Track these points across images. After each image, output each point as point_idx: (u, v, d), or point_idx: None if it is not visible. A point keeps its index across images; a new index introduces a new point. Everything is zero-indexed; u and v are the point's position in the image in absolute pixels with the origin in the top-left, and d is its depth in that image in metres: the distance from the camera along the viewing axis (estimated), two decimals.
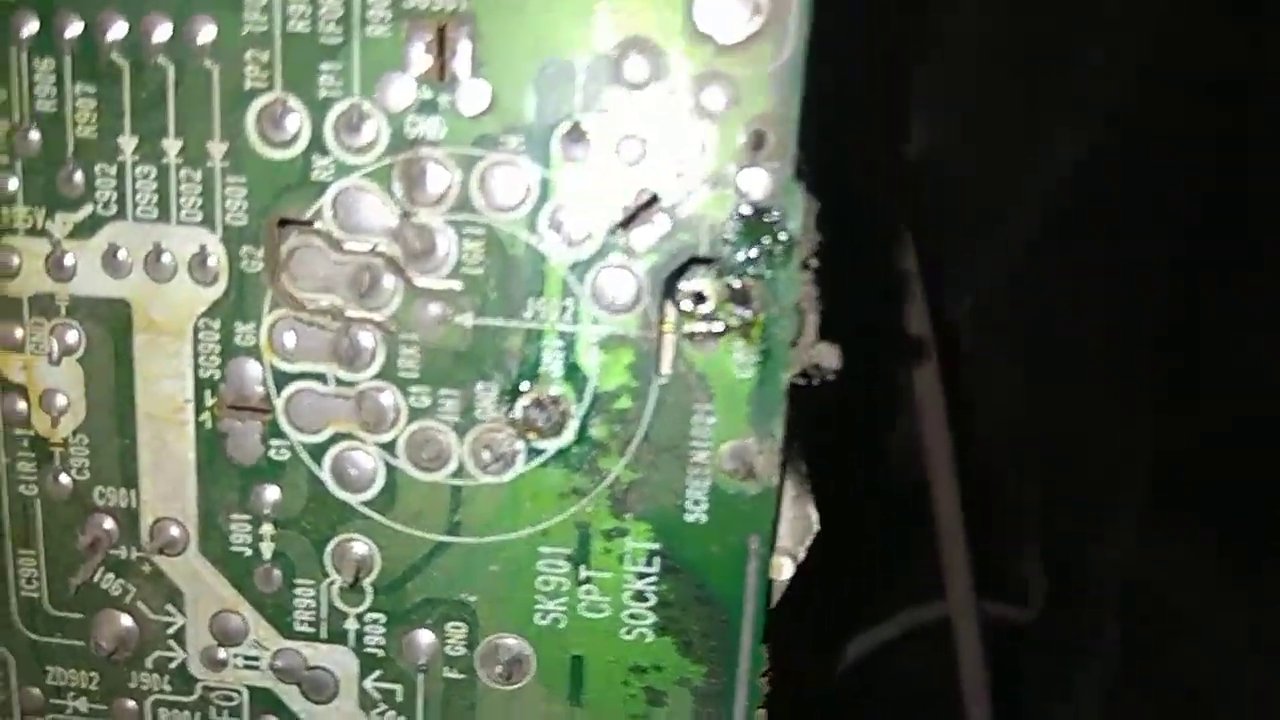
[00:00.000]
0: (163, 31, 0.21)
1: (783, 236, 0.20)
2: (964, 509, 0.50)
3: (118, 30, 0.21)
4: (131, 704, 0.24)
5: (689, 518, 0.22)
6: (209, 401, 0.22)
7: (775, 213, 0.20)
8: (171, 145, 0.21)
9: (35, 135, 0.21)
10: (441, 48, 0.20)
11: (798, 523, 0.22)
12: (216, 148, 0.21)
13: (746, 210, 0.20)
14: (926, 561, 0.49)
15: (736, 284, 0.21)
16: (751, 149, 0.20)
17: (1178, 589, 0.53)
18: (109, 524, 0.23)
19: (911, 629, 0.50)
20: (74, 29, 0.21)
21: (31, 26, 0.21)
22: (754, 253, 0.20)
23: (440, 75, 0.20)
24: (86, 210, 0.22)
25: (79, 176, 0.21)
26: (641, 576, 0.22)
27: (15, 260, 0.22)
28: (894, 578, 0.47)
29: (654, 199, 0.21)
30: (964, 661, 0.51)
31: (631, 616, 0.22)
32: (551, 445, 0.22)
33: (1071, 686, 0.56)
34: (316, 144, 0.21)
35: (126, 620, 0.23)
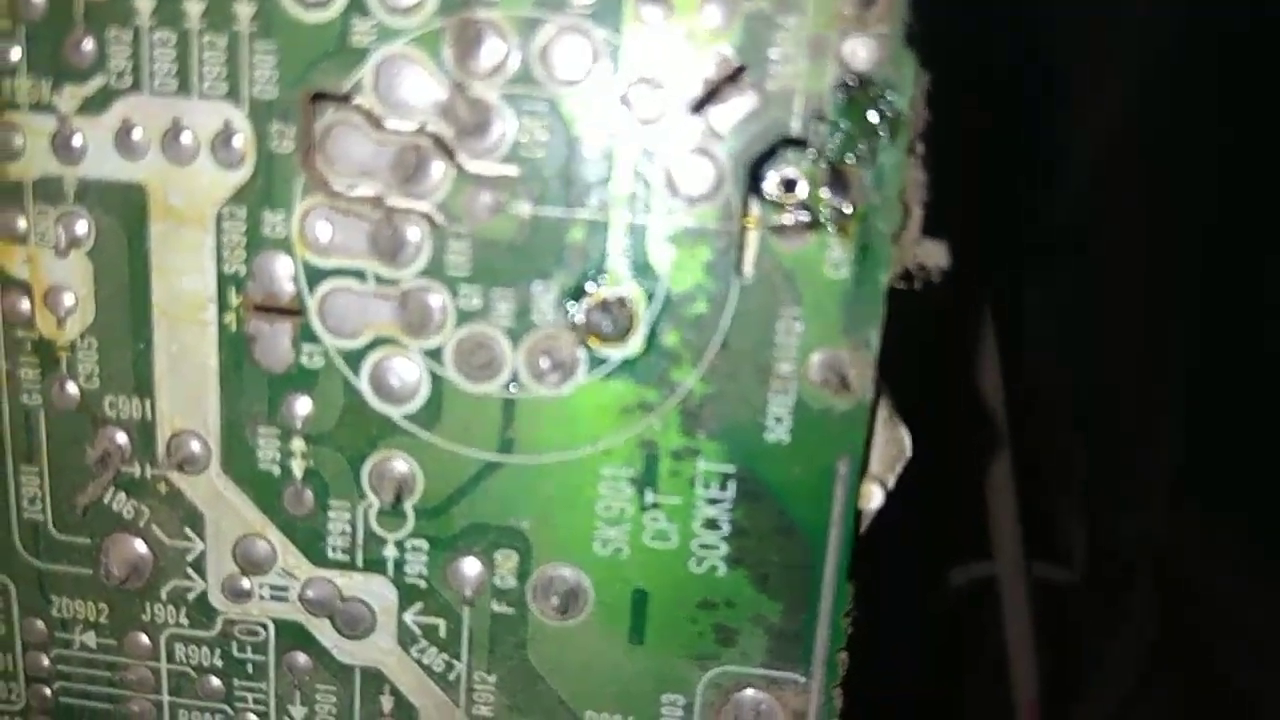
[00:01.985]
0: None
1: (889, 114, 0.18)
2: (1014, 469, 0.48)
3: None
4: (144, 638, 0.22)
5: (770, 437, 0.19)
6: (234, 300, 0.20)
7: (881, 86, 0.18)
8: (193, 6, 0.19)
9: None
10: None
11: (889, 446, 0.20)
12: (243, 9, 0.18)
13: (849, 82, 0.18)
14: (975, 520, 0.47)
15: (833, 169, 0.18)
16: (857, 9, 0.17)
17: (1208, 568, 0.51)
18: (121, 438, 0.21)
19: (959, 587, 0.48)
20: None
21: None
22: (855, 132, 0.18)
23: None
24: (98, 82, 0.19)
25: (89, 44, 0.19)
26: (714, 502, 0.20)
27: (18, 140, 0.19)
28: (947, 533, 0.45)
29: (740, 70, 0.18)
30: (1010, 620, 0.49)
31: (702, 546, 0.20)
32: (617, 353, 0.19)
33: (1108, 654, 0.54)
34: (356, 4, 0.18)
35: (140, 545, 0.21)
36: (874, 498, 0.20)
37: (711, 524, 0.20)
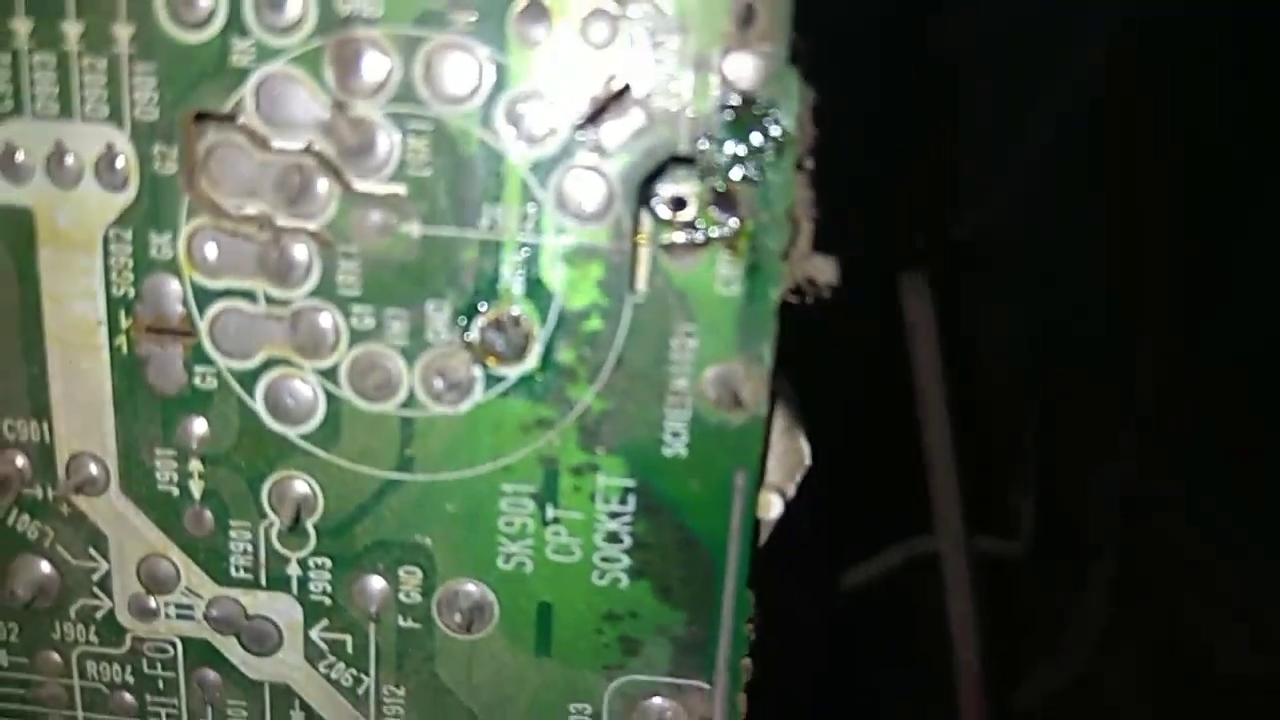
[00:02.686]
0: None
1: (774, 132, 0.18)
2: (956, 439, 0.48)
3: None
4: (56, 656, 0.22)
5: (668, 451, 0.19)
6: (124, 323, 0.20)
7: (766, 104, 0.18)
8: (72, 28, 0.18)
9: None
10: None
11: (788, 456, 0.20)
12: (122, 30, 0.18)
13: (733, 101, 0.18)
14: (916, 495, 0.48)
15: (721, 187, 0.18)
16: (739, 28, 0.17)
17: (1178, 524, 0.51)
18: (20, 460, 0.20)
19: (899, 564, 0.49)
20: None
21: None
22: (741, 151, 0.18)
23: None
24: None
25: None
26: (615, 516, 0.20)
27: None
28: (882, 513, 0.46)
29: (626, 89, 0.18)
30: (952, 598, 0.49)
31: (604, 559, 0.20)
32: (513, 371, 0.19)
33: (1063, 622, 0.55)
34: (235, 24, 0.18)
35: (45, 566, 0.21)
36: (773, 507, 0.20)
37: (613, 537, 0.20)
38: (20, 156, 0.19)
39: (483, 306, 0.19)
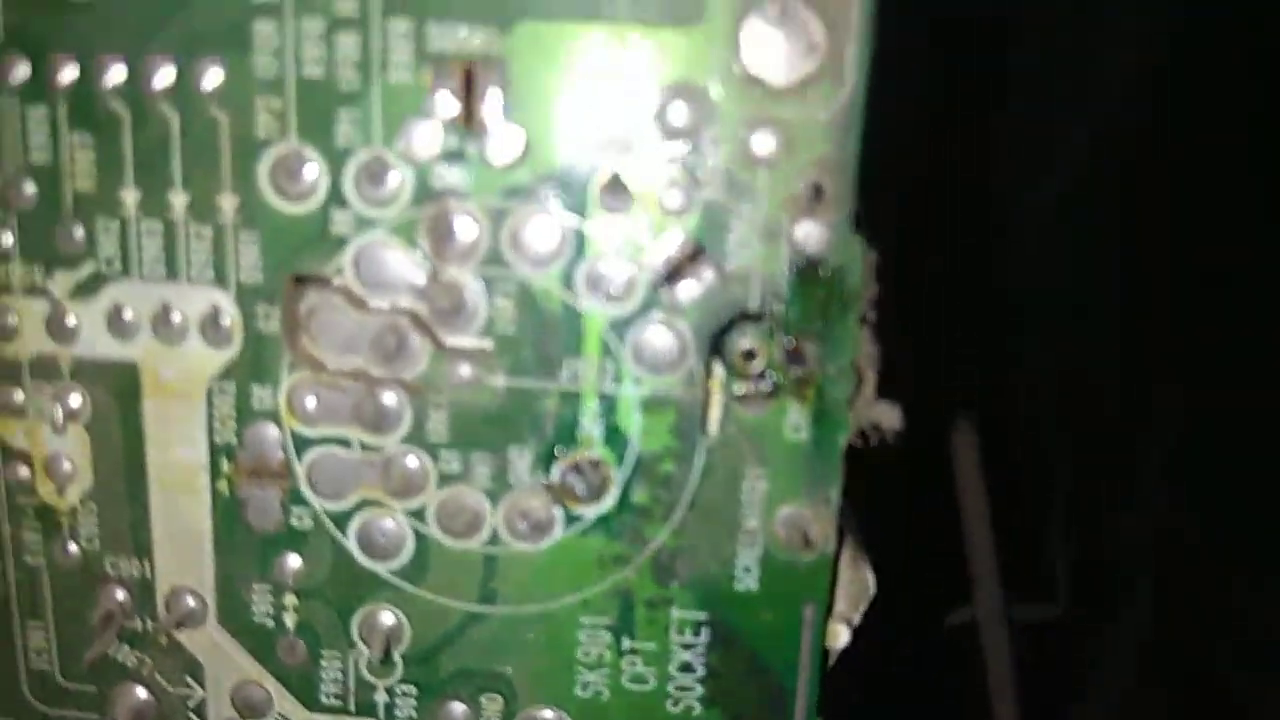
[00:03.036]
0: (165, 76, 0.19)
1: (839, 291, 0.19)
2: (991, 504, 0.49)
3: (116, 75, 0.19)
4: None
5: (739, 586, 0.20)
6: (225, 468, 0.21)
7: (831, 265, 0.19)
8: (178, 199, 0.20)
9: (30, 188, 0.20)
10: (469, 92, 0.19)
11: (854, 586, 0.21)
12: (227, 201, 0.19)
13: (800, 263, 0.19)
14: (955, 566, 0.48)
15: (789, 341, 0.19)
16: (808, 200, 0.18)
17: (1207, 575, 0.52)
18: (122, 595, 0.22)
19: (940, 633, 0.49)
20: (68, 74, 0.19)
21: (22, 71, 0.19)
22: (808, 308, 0.19)
23: (468, 122, 0.19)
24: (88, 268, 0.20)
25: (79, 232, 0.20)
26: (689, 647, 0.21)
27: (13, 320, 0.20)
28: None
29: (700, 251, 0.19)
30: (992, 665, 0.50)
31: (678, 688, 0.21)
32: (591, 511, 0.20)
33: (1097, 666, 0.55)
34: (335, 197, 0.19)
35: (143, 693, 0.22)
36: (840, 636, 0.21)
37: (686, 667, 0.21)
38: (128, 315, 0.20)
39: (562, 451, 0.20)
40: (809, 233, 0.19)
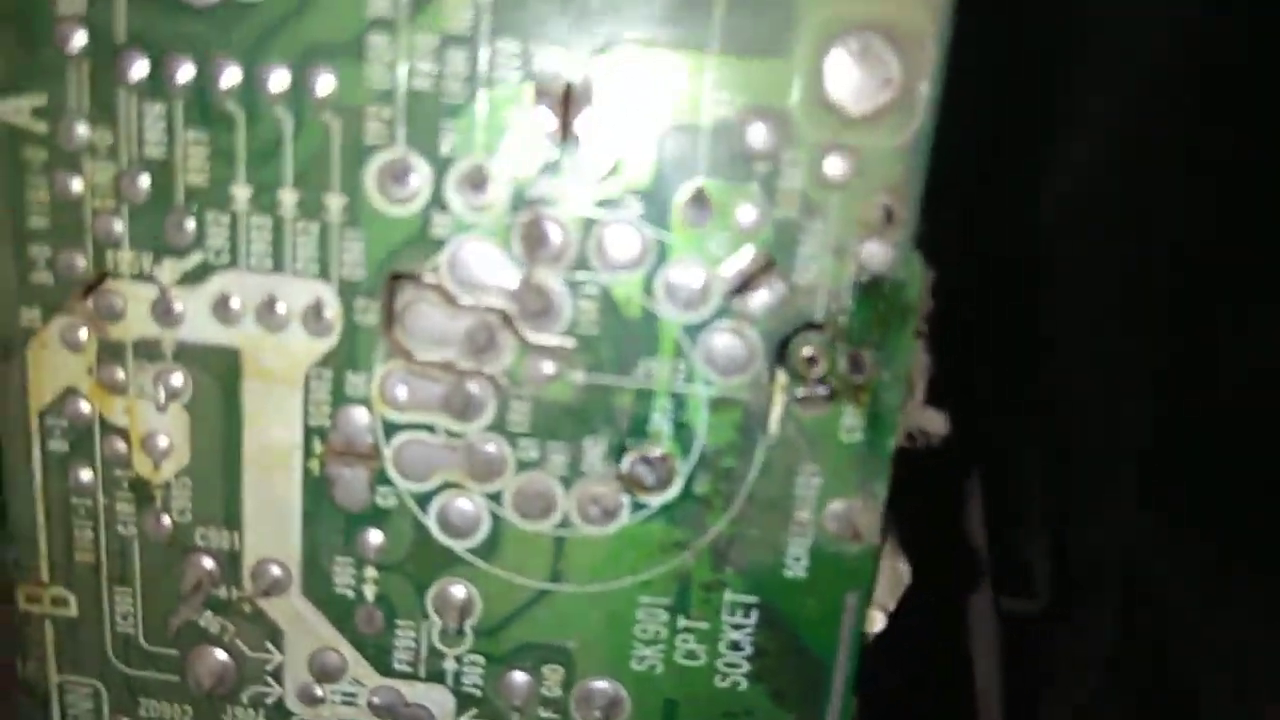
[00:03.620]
0: (279, 81, 0.20)
1: (898, 305, 0.21)
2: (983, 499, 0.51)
3: (231, 77, 0.20)
4: None
5: (789, 574, 0.22)
6: (317, 449, 0.22)
7: (892, 282, 0.21)
8: (288, 197, 0.21)
9: (144, 181, 0.21)
10: (567, 109, 0.20)
11: (891, 576, 0.23)
12: (335, 201, 0.21)
13: (864, 279, 0.21)
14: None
15: (849, 350, 0.21)
16: (876, 221, 0.20)
17: (1176, 581, 0.54)
18: (210, 564, 0.23)
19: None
20: (186, 73, 0.21)
21: (141, 69, 0.21)
22: (868, 320, 0.21)
23: (564, 137, 0.20)
24: (196, 258, 0.21)
25: (189, 224, 0.21)
26: (738, 627, 0.23)
27: (120, 303, 0.22)
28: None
29: (771, 264, 0.21)
30: (979, 658, 0.52)
31: (727, 665, 0.23)
32: (656, 500, 0.22)
33: (1066, 665, 0.57)
34: (437, 201, 0.21)
35: (223, 656, 0.24)
36: (877, 622, 0.23)
37: (735, 646, 0.23)
38: (233, 303, 0.21)
39: (633, 444, 0.22)
40: (874, 251, 0.20)
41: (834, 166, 0.20)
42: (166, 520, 0.23)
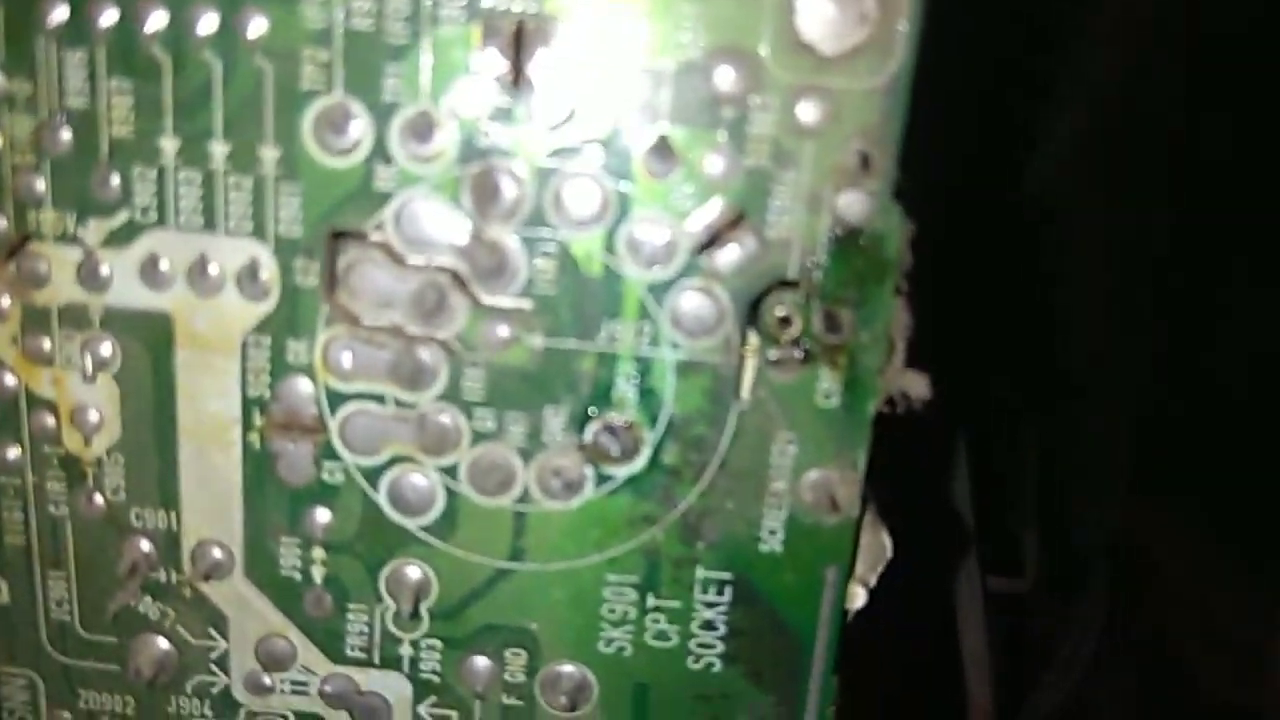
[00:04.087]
0: (208, 23, 0.19)
1: (876, 260, 0.19)
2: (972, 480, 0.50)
3: (158, 20, 0.19)
4: None
5: (764, 548, 0.21)
6: (257, 421, 0.21)
7: (870, 235, 0.19)
8: (219, 149, 0.19)
9: (65, 134, 0.19)
10: (518, 51, 0.19)
11: (871, 549, 0.22)
12: (269, 153, 0.19)
13: (840, 232, 0.19)
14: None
15: (825, 309, 0.20)
16: (852, 170, 0.19)
17: (1166, 557, 0.53)
18: (146, 546, 0.22)
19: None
20: (109, 17, 0.19)
21: (61, 13, 0.19)
22: (845, 276, 0.19)
23: (516, 81, 0.19)
24: (123, 216, 0.20)
25: (115, 180, 0.20)
26: (711, 605, 0.21)
27: (43, 267, 0.20)
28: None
29: (740, 217, 0.19)
30: (966, 635, 0.51)
31: (700, 645, 0.22)
32: (622, 471, 0.21)
33: (1061, 646, 0.56)
34: (380, 152, 0.19)
35: (164, 644, 0.22)
36: (858, 598, 0.22)
37: (709, 625, 0.21)
38: (163, 265, 0.20)
39: (596, 412, 0.20)
40: (851, 202, 0.19)
41: (807, 111, 0.19)
42: (99, 499, 0.21)
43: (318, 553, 0.21)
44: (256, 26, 0.19)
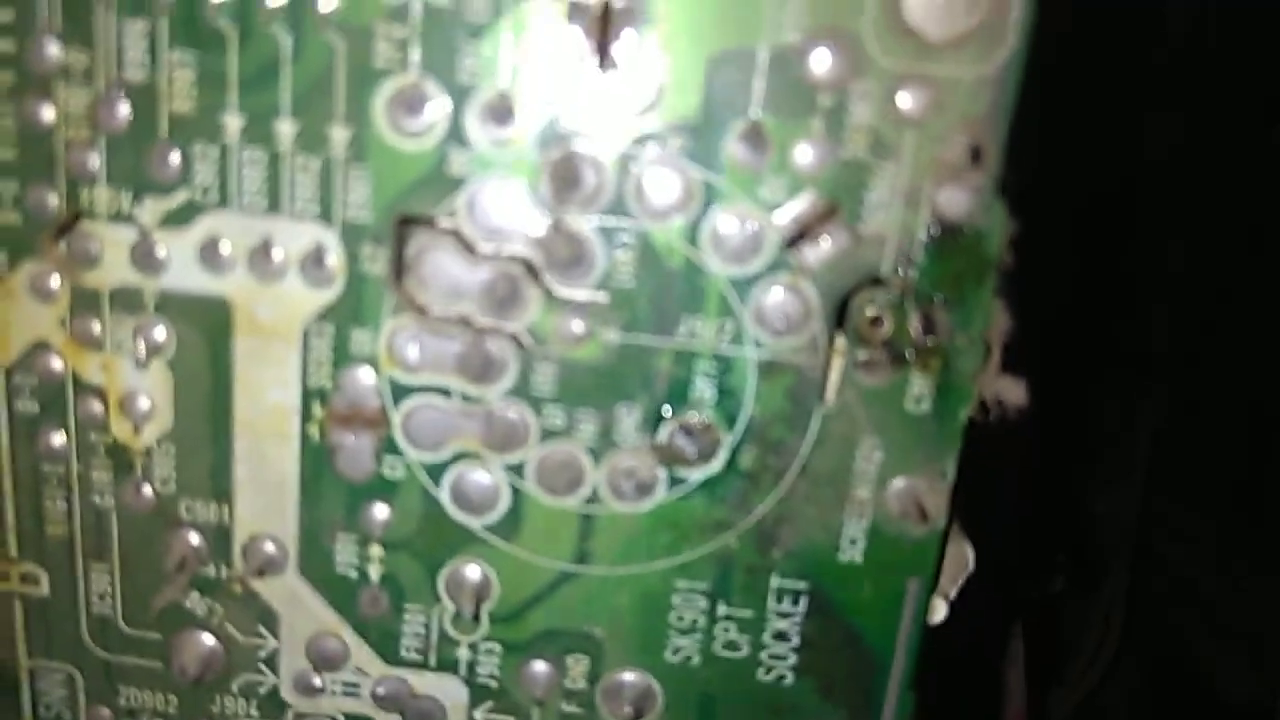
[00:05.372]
0: None
1: (977, 260, 0.18)
2: None
3: None
4: None
5: (843, 557, 0.20)
6: (318, 413, 0.20)
7: (971, 233, 0.18)
8: (285, 128, 0.18)
9: (124, 108, 0.18)
10: (605, 31, 0.18)
11: (954, 562, 0.21)
12: (339, 133, 0.18)
13: (938, 229, 0.18)
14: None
15: (919, 310, 0.19)
16: (955, 163, 0.18)
17: (1180, 549, 0.52)
18: (196, 540, 0.21)
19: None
20: None
21: None
22: (942, 276, 0.18)
23: (601, 62, 0.18)
24: (182, 196, 0.19)
25: (174, 157, 0.19)
26: (785, 616, 0.20)
27: (95, 247, 0.19)
28: None
29: (832, 211, 0.18)
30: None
31: (771, 656, 0.21)
32: (696, 474, 0.20)
33: (1082, 642, 0.56)
34: (455, 135, 0.18)
35: (211, 641, 0.21)
36: (939, 610, 0.21)
37: (781, 636, 0.21)
38: (223, 248, 0.19)
39: (672, 412, 0.19)
40: (951, 198, 0.18)
41: (909, 100, 0.18)
42: (148, 490, 0.20)
43: (375, 550, 0.21)
44: (329, 0, 0.18)
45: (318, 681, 0.21)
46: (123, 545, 0.21)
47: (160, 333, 0.20)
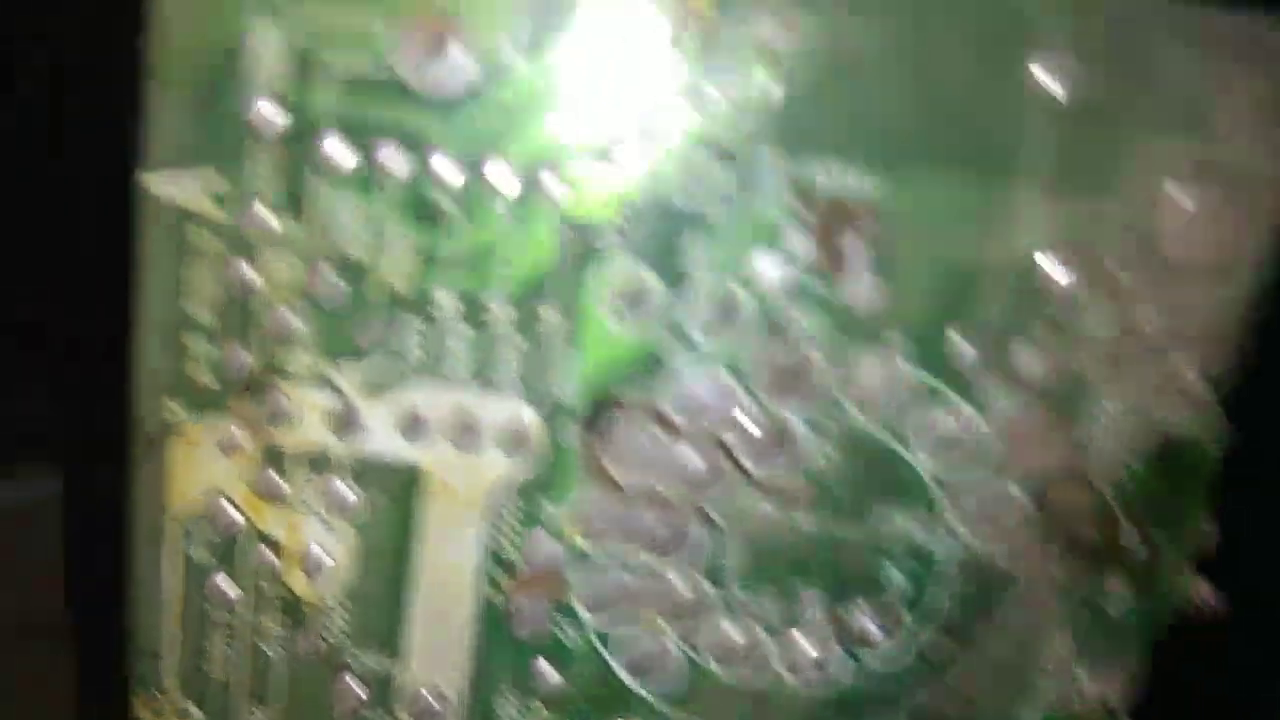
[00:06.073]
0: (503, 181, 0.17)
1: (1196, 473, 0.18)
2: None
3: (449, 173, 0.17)
4: None
5: None
6: (499, 577, 0.20)
7: (1192, 449, 0.18)
8: (499, 308, 0.18)
9: (333, 278, 0.18)
10: (831, 231, 0.17)
11: None
12: (551, 315, 0.18)
13: (1159, 443, 0.18)
14: None
15: (1128, 517, 0.19)
16: (1184, 382, 0.17)
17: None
18: (361, 690, 0.21)
19: None
20: (396, 164, 0.17)
21: (344, 156, 0.17)
22: (1156, 488, 0.18)
23: (826, 263, 0.17)
24: (385, 364, 0.19)
25: (379, 327, 0.18)
26: None
27: (289, 407, 0.19)
28: None
29: (1050, 418, 0.18)
30: None
31: None
32: (876, 657, 0.20)
33: None
34: (671, 324, 0.18)
35: None
36: None
37: None
38: (425, 419, 0.19)
39: (858, 596, 0.19)
40: (1175, 411, 0.18)
41: (1148, 317, 0.17)
42: (318, 641, 0.20)
43: (536, 706, 0.21)
44: (558, 189, 0.17)
45: None
46: (291, 691, 0.21)
47: (350, 496, 0.19)
